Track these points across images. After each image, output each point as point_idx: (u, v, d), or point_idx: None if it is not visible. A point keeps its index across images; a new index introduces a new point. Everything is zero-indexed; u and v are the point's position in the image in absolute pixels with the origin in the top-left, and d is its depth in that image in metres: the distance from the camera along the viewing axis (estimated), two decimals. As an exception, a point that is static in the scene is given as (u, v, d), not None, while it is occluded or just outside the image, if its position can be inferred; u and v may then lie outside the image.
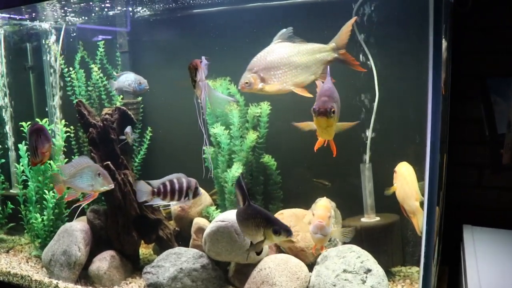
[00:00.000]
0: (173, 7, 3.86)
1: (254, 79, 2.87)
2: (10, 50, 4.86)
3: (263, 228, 2.49)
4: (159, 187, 3.06)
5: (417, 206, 2.96)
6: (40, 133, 3.19)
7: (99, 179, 3.26)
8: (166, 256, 3.39)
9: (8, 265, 4.04)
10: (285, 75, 2.90)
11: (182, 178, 3.09)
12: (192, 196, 3.10)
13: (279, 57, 2.92)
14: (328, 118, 2.47)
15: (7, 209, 4.55)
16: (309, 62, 2.95)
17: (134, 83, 3.80)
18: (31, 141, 3.24)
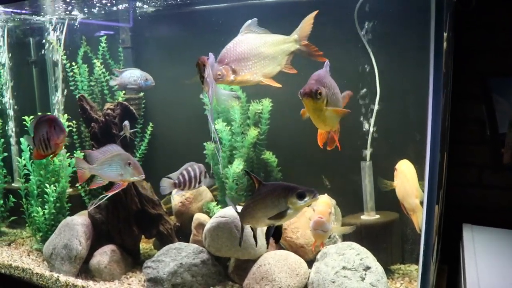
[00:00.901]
0: (176, 3, 3.86)
1: (226, 70, 2.83)
2: (13, 45, 4.87)
3: (284, 198, 2.40)
4: (178, 178, 3.18)
5: (417, 204, 2.97)
6: (54, 124, 3.05)
7: (129, 169, 3.19)
8: (167, 251, 3.40)
9: (9, 258, 4.06)
10: (254, 66, 2.89)
11: (194, 165, 3.20)
12: (203, 180, 3.23)
13: (248, 48, 2.90)
14: (314, 100, 2.42)
15: (9, 203, 4.57)
16: (275, 53, 2.95)
17: (140, 79, 3.79)
18: (40, 133, 3.08)
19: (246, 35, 2.94)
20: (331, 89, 2.52)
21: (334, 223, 3.20)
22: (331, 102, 2.50)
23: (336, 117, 2.61)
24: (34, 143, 3.11)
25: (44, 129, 3.06)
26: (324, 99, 2.45)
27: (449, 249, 3.26)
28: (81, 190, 4.36)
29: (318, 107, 2.46)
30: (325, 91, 2.45)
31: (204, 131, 3.80)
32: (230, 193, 3.64)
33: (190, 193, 3.75)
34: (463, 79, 3.28)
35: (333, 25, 3.45)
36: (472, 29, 3.23)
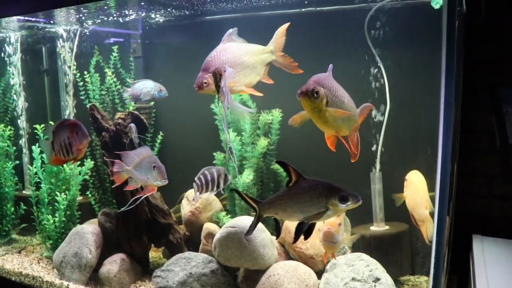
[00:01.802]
0: (187, 14, 3.89)
1: (212, 79, 2.79)
2: (26, 53, 4.93)
3: (326, 198, 2.33)
4: (197, 182, 3.17)
5: (426, 215, 2.97)
6: (76, 129, 2.98)
7: (154, 173, 3.13)
8: (176, 261, 3.42)
9: (20, 266, 4.09)
10: (238, 75, 2.88)
11: (212, 169, 3.19)
12: (223, 183, 3.20)
13: (232, 57, 2.89)
14: (311, 99, 2.38)
15: (20, 210, 4.61)
16: (255, 63, 2.95)
17: (153, 91, 3.79)
18: (61, 137, 3.00)
19: (228, 44, 2.94)
20: (332, 91, 2.47)
21: (344, 234, 3.19)
22: (333, 103, 2.45)
23: (341, 120, 2.54)
24: (53, 148, 3.05)
25: (65, 134, 3.00)
26: (323, 99, 2.40)
27: (459, 260, 3.25)
28: (91, 198, 4.39)
29: (316, 107, 2.41)
30: (324, 91, 2.41)
31: (214, 141, 3.84)
32: (240, 202, 3.65)
33: (200, 203, 3.77)
34: (472, 90, 3.28)
35: (343, 36, 3.48)
36: (482, 40, 3.24)
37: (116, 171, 3.20)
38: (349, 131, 2.67)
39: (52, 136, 3.04)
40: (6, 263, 4.19)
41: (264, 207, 2.60)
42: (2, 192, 4.62)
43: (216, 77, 2.69)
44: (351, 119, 2.62)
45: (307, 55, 3.60)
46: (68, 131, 2.99)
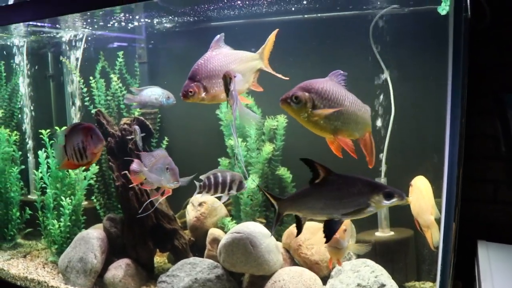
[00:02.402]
0: (192, 20, 3.91)
1: (198, 88, 2.75)
2: (32, 59, 4.96)
3: (368, 195, 2.26)
4: (204, 180, 3.13)
5: (432, 221, 2.96)
6: (91, 133, 2.88)
7: (167, 174, 3.09)
8: (181, 266, 3.42)
9: (25, 270, 4.10)
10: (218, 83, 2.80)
11: (226, 172, 3.15)
12: (236, 189, 3.13)
13: (219, 65, 2.82)
14: (291, 105, 2.36)
15: (25, 215, 4.63)
16: (244, 70, 2.88)
17: (161, 98, 3.78)
18: (74, 141, 2.90)
19: (216, 51, 2.88)
20: (322, 94, 2.40)
21: (350, 241, 3.18)
22: (324, 107, 2.40)
23: (340, 123, 2.46)
24: (66, 152, 2.96)
25: (79, 138, 2.90)
26: (305, 103, 2.36)
27: (464, 265, 3.24)
28: (96, 203, 4.40)
29: (299, 112, 2.39)
30: (307, 95, 2.36)
31: (219, 146, 3.84)
32: (245, 208, 3.66)
33: (205, 208, 3.77)
34: (476, 94, 3.28)
35: (349, 42, 3.50)
36: (486, 45, 3.24)
37: (134, 171, 3.18)
38: (359, 134, 2.60)
39: (65, 140, 2.96)
40: (12, 267, 4.20)
41: (284, 205, 2.49)
42: (8, 197, 4.63)
43: (226, 81, 2.68)
44: (358, 121, 2.55)
45: (313, 61, 3.64)
46: (82, 135, 2.90)
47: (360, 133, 2.61)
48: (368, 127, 2.67)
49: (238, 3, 3.39)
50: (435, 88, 3.27)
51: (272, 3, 3.41)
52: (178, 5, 3.36)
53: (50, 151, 4.21)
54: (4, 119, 4.89)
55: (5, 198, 4.64)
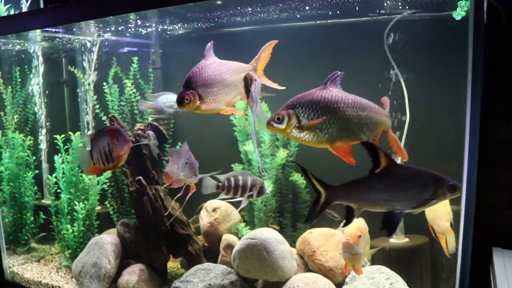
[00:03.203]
0: (206, 26, 3.92)
1: (193, 96, 2.72)
2: (46, 65, 5.00)
3: (433, 187, 2.21)
4: (223, 182, 3.10)
5: (447, 227, 2.94)
6: (117, 135, 2.84)
7: (186, 169, 3.06)
8: (195, 272, 3.42)
9: (39, 275, 4.13)
10: (219, 93, 2.79)
11: (248, 176, 3.11)
12: (256, 194, 3.08)
13: (214, 74, 2.79)
14: (275, 127, 2.36)
15: (39, 219, 4.66)
16: (236, 81, 2.84)
17: (176, 104, 3.80)
18: (100, 145, 2.87)
19: (211, 60, 2.84)
20: (309, 107, 2.36)
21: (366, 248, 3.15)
22: (310, 119, 2.36)
23: (340, 130, 2.40)
24: (92, 157, 2.92)
25: (105, 140, 2.86)
26: (289, 121, 2.34)
27: (479, 273, 3.21)
28: (110, 208, 4.42)
29: (285, 131, 2.38)
30: (291, 112, 2.34)
31: (233, 152, 3.85)
32: (259, 214, 3.66)
33: (219, 214, 3.78)
34: (490, 99, 3.26)
35: (364, 47, 3.50)
36: (502, 49, 3.22)
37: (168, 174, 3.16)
38: (367, 136, 2.51)
39: (91, 144, 2.93)
40: (26, 271, 4.23)
41: (336, 194, 2.34)
42: (22, 202, 4.67)
43: (247, 82, 2.68)
44: (363, 123, 2.46)
45: (326, 67, 3.64)
46: (108, 137, 2.86)
47: (370, 134, 2.50)
48: (381, 126, 2.59)
49: (251, 10, 3.39)
50: (450, 93, 3.26)
51: (285, 9, 3.41)
52: (194, 11, 3.37)
53: (65, 157, 4.24)
54: (19, 124, 4.93)
55: (20, 202, 4.68)
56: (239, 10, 3.43)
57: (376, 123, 2.54)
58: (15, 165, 4.66)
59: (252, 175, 3.15)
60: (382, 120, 2.58)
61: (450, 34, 3.17)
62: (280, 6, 3.32)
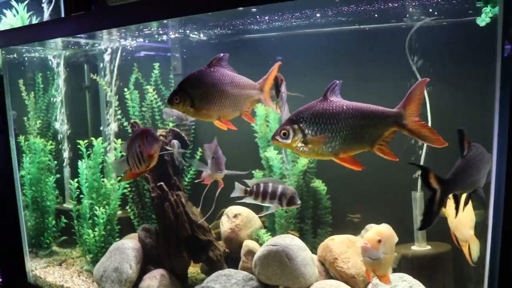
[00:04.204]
0: (227, 33, 3.94)
1: (184, 98, 2.66)
2: (68, 71, 5.07)
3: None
4: (252, 186, 3.10)
5: (471, 235, 2.91)
6: (146, 135, 2.75)
7: (213, 164, 3.04)
8: (216, 277, 3.43)
9: (61, 278, 4.18)
10: (213, 102, 2.70)
11: (279, 184, 3.08)
12: (286, 203, 3.06)
13: (211, 82, 2.68)
14: (281, 142, 2.37)
15: (61, 223, 4.72)
16: (237, 96, 2.74)
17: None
18: (133, 149, 2.80)
19: (215, 68, 2.75)
20: (312, 120, 2.35)
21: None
22: (314, 134, 2.35)
23: (334, 143, 2.37)
24: (128, 163, 2.87)
25: (136, 143, 2.78)
26: (294, 136, 2.35)
27: (508, 283, 3.16)
28: (131, 213, 4.46)
29: (291, 146, 2.38)
30: (296, 127, 2.35)
31: (254, 159, 3.86)
32: (280, 220, 3.66)
33: (240, 220, 3.78)
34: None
35: (384, 54, 3.49)
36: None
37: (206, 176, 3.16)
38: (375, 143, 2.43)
39: (127, 150, 2.89)
40: (48, 275, 4.28)
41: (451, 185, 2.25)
42: (44, 206, 4.74)
43: (277, 82, 2.68)
44: (364, 135, 2.39)
45: (349, 73, 3.64)
46: (138, 139, 2.78)
47: (375, 141, 2.42)
48: (386, 129, 2.43)
49: (273, 17, 3.40)
50: (474, 99, 3.23)
51: (306, 17, 3.41)
52: (217, 18, 3.39)
53: (87, 162, 4.29)
54: (41, 129, 5.00)
55: (41, 206, 4.74)
56: (262, 17, 3.43)
57: (380, 128, 2.43)
58: (37, 170, 4.73)
59: (285, 183, 3.13)
60: (386, 123, 2.43)
61: (473, 40, 3.15)
62: (298, 13, 3.32)
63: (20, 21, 4.84)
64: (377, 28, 3.54)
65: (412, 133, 2.40)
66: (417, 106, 2.38)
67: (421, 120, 2.39)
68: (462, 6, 2.99)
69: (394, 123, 2.39)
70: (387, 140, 2.44)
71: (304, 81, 3.41)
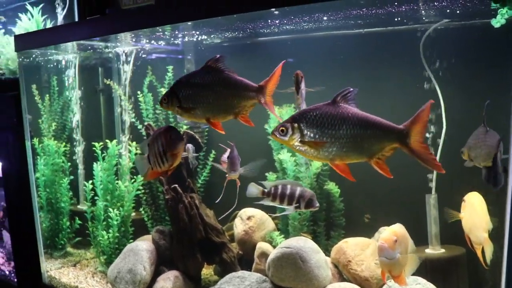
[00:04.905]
0: (241, 35, 3.96)
1: (172, 99, 2.64)
2: (83, 74, 5.12)
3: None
4: (270, 188, 3.09)
5: (485, 238, 2.89)
6: (170, 133, 2.67)
7: (228, 163, 3.05)
8: (230, 279, 3.44)
9: (75, 279, 4.22)
10: (202, 103, 2.64)
11: (297, 186, 3.07)
12: (304, 206, 3.05)
13: (200, 83, 2.64)
14: (278, 138, 2.37)
15: (75, 225, 4.76)
16: (230, 98, 2.65)
17: None
18: (155, 147, 2.71)
19: (208, 70, 2.69)
20: (312, 123, 2.34)
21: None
22: (312, 135, 2.35)
23: (331, 149, 2.35)
24: (150, 161, 2.79)
25: (159, 142, 2.69)
26: (292, 134, 2.35)
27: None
28: (144, 214, 4.49)
29: (288, 143, 2.38)
30: (296, 126, 2.34)
31: (268, 161, 3.86)
32: (293, 223, 3.67)
33: (254, 222, 3.79)
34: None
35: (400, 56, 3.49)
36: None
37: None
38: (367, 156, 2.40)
39: (148, 149, 2.81)
40: (63, 276, 4.33)
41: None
42: (58, 207, 4.78)
43: (298, 79, 2.69)
44: (364, 146, 2.37)
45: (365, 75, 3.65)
46: (162, 138, 2.69)
47: (373, 153, 2.39)
48: (388, 145, 2.39)
49: (291, 20, 3.40)
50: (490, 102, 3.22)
51: (322, 20, 3.42)
52: (231, 21, 3.40)
53: (102, 164, 4.32)
54: (56, 131, 5.05)
55: (56, 208, 4.79)
56: (279, 20, 3.44)
57: (382, 142, 2.39)
58: (51, 172, 4.78)
59: (303, 186, 3.13)
60: (389, 138, 2.39)
61: (488, 42, 3.14)
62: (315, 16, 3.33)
63: (35, 25, 4.91)
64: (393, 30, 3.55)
65: (413, 153, 2.34)
66: (424, 128, 2.32)
67: (424, 143, 2.34)
68: (476, 8, 2.99)
69: (397, 140, 2.34)
70: (386, 155, 2.40)
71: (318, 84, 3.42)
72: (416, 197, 3.45)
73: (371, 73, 3.63)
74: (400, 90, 3.55)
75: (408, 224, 3.37)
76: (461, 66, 3.30)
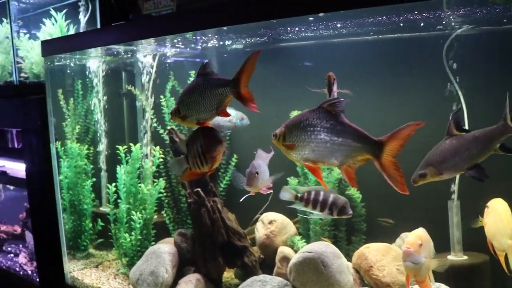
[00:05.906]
0: (264, 41, 3.99)
1: (174, 110, 2.73)
2: (106, 78, 5.20)
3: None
4: (303, 193, 3.15)
5: (509, 244, 2.88)
6: (208, 136, 2.62)
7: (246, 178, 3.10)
8: (251, 283, 3.47)
9: (98, 280, 4.28)
10: (190, 108, 2.66)
11: (330, 193, 3.11)
12: (337, 213, 3.08)
13: (185, 90, 2.74)
14: (274, 140, 2.54)
15: (97, 226, 4.83)
16: (210, 96, 2.63)
17: (235, 119, 3.87)
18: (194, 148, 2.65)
19: (198, 78, 2.70)
20: (291, 128, 2.45)
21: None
22: (290, 140, 2.45)
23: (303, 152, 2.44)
24: (188, 162, 2.73)
25: (198, 142, 2.64)
26: (279, 138, 2.50)
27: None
28: (166, 217, 4.54)
29: (278, 146, 2.56)
30: (283, 130, 2.49)
31: (288, 166, 3.88)
32: (315, 227, 3.68)
33: (275, 226, 3.82)
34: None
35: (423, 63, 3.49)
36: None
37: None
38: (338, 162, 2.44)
39: (186, 149, 2.76)
40: (85, 277, 4.39)
41: None
42: (81, 209, 4.86)
43: (330, 81, 2.77)
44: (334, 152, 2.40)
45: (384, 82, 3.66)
46: (201, 138, 2.63)
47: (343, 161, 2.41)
48: (361, 155, 2.39)
49: (311, 26, 3.42)
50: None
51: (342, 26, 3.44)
52: (253, 27, 3.44)
53: (125, 167, 4.39)
54: (80, 134, 5.14)
55: (79, 210, 4.87)
56: (300, 26, 3.46)
57: (353, 151, 2.39)
58: (74, 174, 4.86)
59: (336, 192, 3.17)
60: (362, 148, 2.38)
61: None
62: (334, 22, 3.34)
63: (59, 30, 5.01)
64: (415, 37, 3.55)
65: (382, 169, 2.34)
66: (400, 145, 2.30)
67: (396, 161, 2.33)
68: (501, 14, 2.98)
69: (369, 152, 2.35)
70: (358, 164, 2.43)
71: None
72: (438, 203, 3.44)
73: (395, 79, 3.64)
74: (423, 97, 3.55)
75: (430, 230, 3.38)
76: (485, 72, 3.30)
